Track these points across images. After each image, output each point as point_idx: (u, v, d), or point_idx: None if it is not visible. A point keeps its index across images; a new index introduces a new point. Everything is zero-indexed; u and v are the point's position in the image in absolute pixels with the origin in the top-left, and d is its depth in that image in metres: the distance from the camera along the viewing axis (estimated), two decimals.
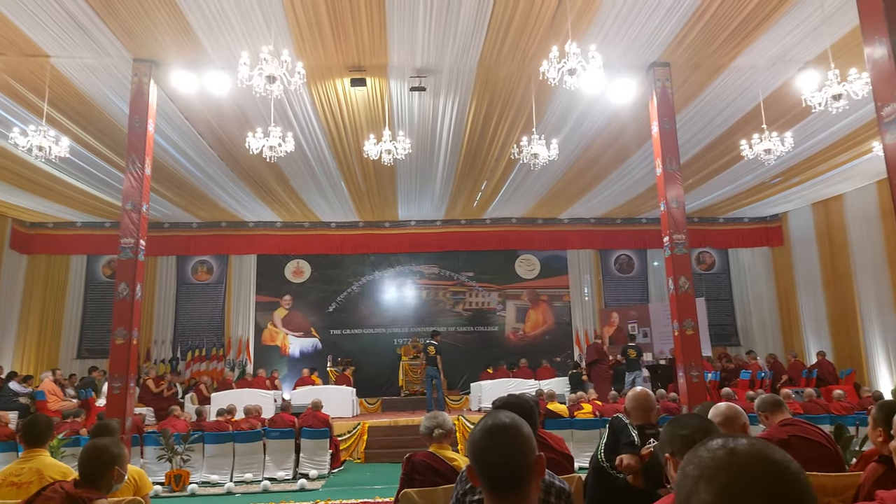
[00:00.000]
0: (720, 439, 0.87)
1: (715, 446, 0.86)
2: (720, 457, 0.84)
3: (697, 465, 0.84)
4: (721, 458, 0.83)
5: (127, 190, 7.56)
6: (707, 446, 0.87)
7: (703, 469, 0.83)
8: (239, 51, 6.52)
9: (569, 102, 8.91)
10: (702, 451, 0.87)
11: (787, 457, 0.84)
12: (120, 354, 7.14)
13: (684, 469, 0.87)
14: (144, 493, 3.11)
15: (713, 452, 0.85)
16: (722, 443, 0.86)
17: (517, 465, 1.44)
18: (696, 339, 7.58)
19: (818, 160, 11.36)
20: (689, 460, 0.87)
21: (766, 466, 0.81)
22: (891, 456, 2.32)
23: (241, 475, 8.37)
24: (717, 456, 0.84)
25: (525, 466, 1.45)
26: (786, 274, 15.36)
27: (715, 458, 0.84)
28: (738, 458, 0.82)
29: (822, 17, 6.85)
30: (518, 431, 1.48)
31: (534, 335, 15.77)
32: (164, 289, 14.98)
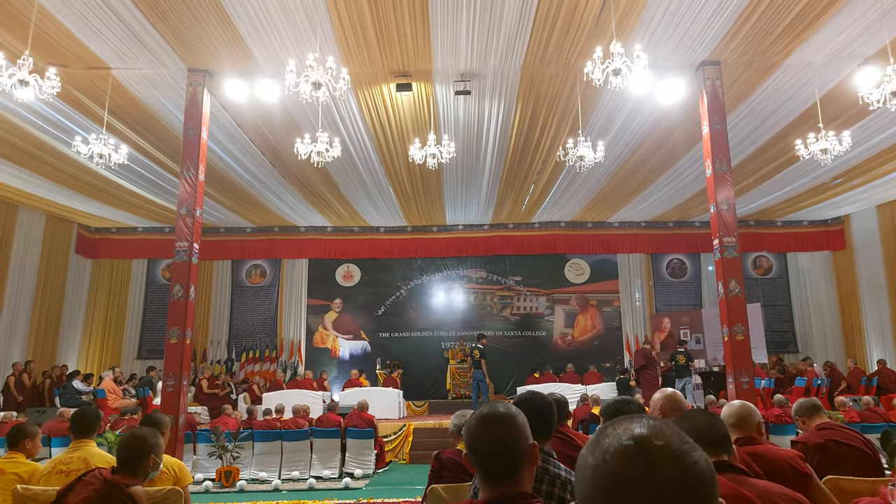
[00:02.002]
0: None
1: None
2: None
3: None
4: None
5: (182, 195, 7.89)
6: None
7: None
8: (287, 59, 6.72)
9: (615, 104, 8.80)
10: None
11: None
12: (174, 353, 7.44)
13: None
14: (184, 484, 3.24)
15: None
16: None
17: (510, 452, 1.48)
18: (746, 345, 7.33)
19: (882, 160, 10.83)
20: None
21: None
22: None
23: (289, 473, 8.58)
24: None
25: (518, 454, 1.48)
26: (848, 278, 14.66)
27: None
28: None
29: (881, 11, 6.55)
30: (512, 420, 1.52)
31: (582, 340, 15.56)
32: (219, 292, 15.52)
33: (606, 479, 0.79)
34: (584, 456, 0.84)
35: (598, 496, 0.79)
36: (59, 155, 10.10)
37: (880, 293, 13.73)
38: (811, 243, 15.31)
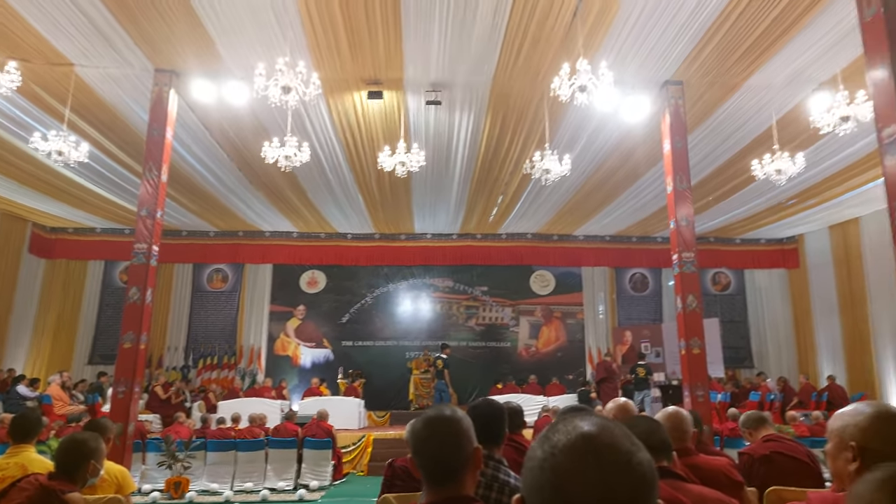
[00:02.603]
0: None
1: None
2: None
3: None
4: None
5: (143, 196, 7.72)
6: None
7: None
8: (257, 62, 6.66)
9: (582, 119, 8.94)
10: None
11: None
12: (127, 358, 7.23)
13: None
14: (127, 492, 3.13)
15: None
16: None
17: (453, 455, 1.49)
18: (702, 359, 7.49)
19: (834, 182, 11.24)
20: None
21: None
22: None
23: (242, 484, 8.40)
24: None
25: (461, 457, 1.49)
26: (802, 297, 15.14)
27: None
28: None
29: (836, 37, 6.83)
30: (457, 424, 1.53)
31: (546, 352, 15.68)
32: (179, 296, 15.18)
33: (554, 472, 0.81)
34: (534, 449, 0.86)
35: (544, 488, 0.81)
36: (15, 151, 9.78)
37: (832, 312, 14.20)
38: (767, 261, 15.77)
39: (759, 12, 6.55)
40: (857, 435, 1.56)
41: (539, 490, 0.82)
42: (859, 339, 13.36)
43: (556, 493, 0.80)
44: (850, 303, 13.65)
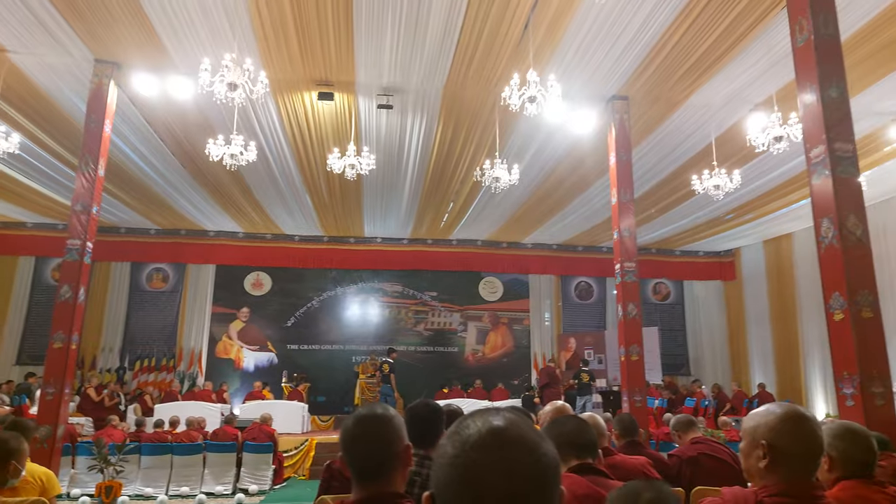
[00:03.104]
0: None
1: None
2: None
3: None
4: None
5: (78, 190, 7.42)
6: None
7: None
8: (202, 57, 6.51)
9: (531, 130, 9.10)
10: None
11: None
12: (57, 359, 6.93)
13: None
14: (51, 495, 3.02)
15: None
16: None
17: (382, 452, 1.51)
18: (640, 365, 7.72)
19: (769, 199, 11.79)
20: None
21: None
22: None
23: (178, 489, 8.15)
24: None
25: (389, 454, 1.51)
26: (737, 307, 15.81)
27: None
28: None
29: (769, 62, 7.18)
30: (388, 422, 1.55)
31: (492, 357, 15.83)
32: (115, 296, 14.60)
33: (466, 467, 0.82)
34: (444, 446, 0.88)
35: (453, 484, 0.83)
36: None
37: (763, 322, 14.89)
38: (706, 273, 16.39)
39: (700, 34, 6.85)
40: (768, 434, 1.65)
41: (450, 486, 0.83)
42: (789, 348, 14.04)
43: (468, 487, 0.81)
44: (782, 314, 14.33)
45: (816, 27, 5.06)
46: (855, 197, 4.91)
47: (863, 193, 5.04)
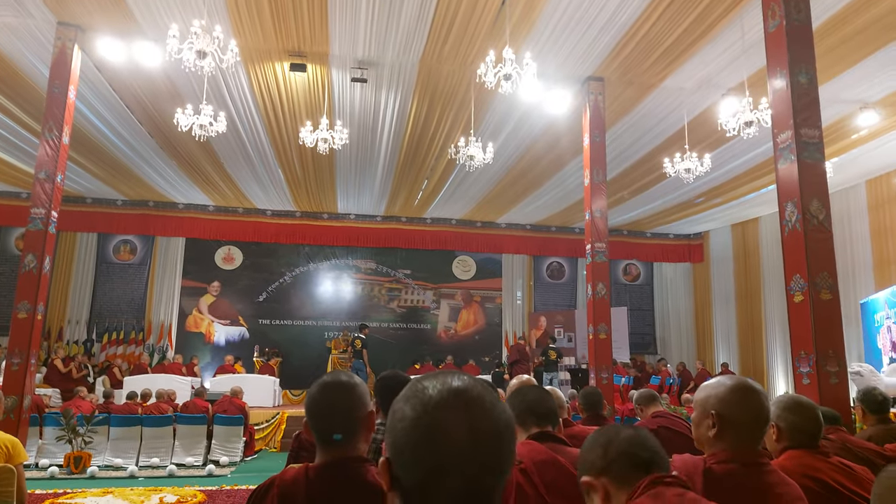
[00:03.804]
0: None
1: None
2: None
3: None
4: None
5: (41, 158, 7.23)
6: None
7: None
8: (170, 22, 6.35)
9: (507, 108, 9.09)
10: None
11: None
12: (22, 329, 6.81)
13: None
14: (17, 461, 3.01)
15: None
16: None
17: (345, 417, 1.54)
18: (608, 344, 7.88)
19: (738, 183, 12.00)
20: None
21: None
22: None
23: (148, 460, 8.14)
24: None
25: (352, 419, 1.55)
26: (703, 289, 16.18)
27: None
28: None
29: (742, 48, 7.26)
30: (351, 389, 1.59)
31: (464, 334, 15.97)
32: (81, 267, 14.33)
33: (429, 427, 0.82)
34: (400, 409, 0.86)
35: (417, 445, 0.82)
36: None
37: (729, 303, 15.29)
38: (675, 255, 16.69)
39: (675, 18, 6.89)
40: (717, 404, 1.73)
41: (412, 447, 0.83)
42: (752, 329, 14.48)
43: (431, 446, 0.81)
44: (746, 296, 14.73)
45: (788, 13, 5.13)
46: (819, 182, 5.04)
47: (827, 179, 5.17)
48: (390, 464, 0.86)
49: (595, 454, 1.42)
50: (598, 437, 1.45)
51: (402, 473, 0.84)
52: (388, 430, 0.88)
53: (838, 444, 3.04)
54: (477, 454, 0.82)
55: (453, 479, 0.81)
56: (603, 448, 1.41)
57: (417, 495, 0.83)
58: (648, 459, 1.39)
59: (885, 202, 11.43)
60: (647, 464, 1.38)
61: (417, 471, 0.82)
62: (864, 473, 2.15)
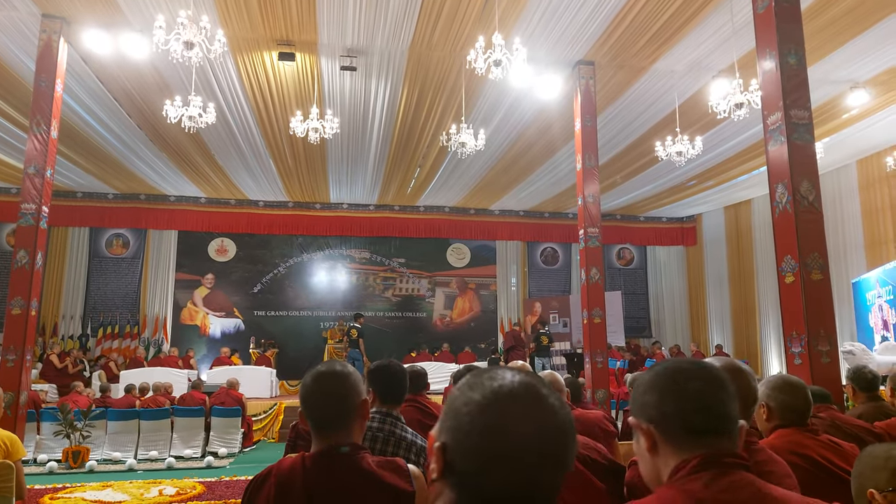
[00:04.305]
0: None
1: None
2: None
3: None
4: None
5: (30, 153, 7.17)
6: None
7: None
8: (157, 14, 6.28)
9: (498, 94, 9.06)
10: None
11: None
12: (16, 325, 6.79)
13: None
14: (16, 458, 3.03)
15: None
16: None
17: (339, 405, 1.56)
18: (602, 328, 7.93)
19: (730, 165, 12.03)
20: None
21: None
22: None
23: (146, 453, 8.18)
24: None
25: (346, 407, 1.57)
26: (697, 271, 16.28)
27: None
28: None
29: (732, 30, 7.25)
30: (344, 378, 1.60)
31: (460, 322, 16.02)
32: (74, 262, 14.27)
33: (498, 414, 0.81)
34: (465, 395, 0.84)
35: (485, 430, 0.80)
36: None
37: (722, 285, 15.39)
38: (668, 238, 16.75)
39: (665, 0, 6.86)
40: None
41: (478, 433, 0.80)
42: (746, 310, 14.58)
43: (496, 433, 0.80)
44: (740, 278, 14.81)
45: None
46: (809, 163, 5.07)
47: (817, 160, 5.20)
48: (445, 449, 0.83)
49: (649, 399, 1.15)
50: (659, 376, 1.16)
51: (461, 459, 0.81)
52: (447, 416, 0.85)
53: (828, 422, 3.09)
54: (542, 448, 0.81)
55: (516, 470, 0.79)
56: (659, 395, 1.14)
57: (474, 483, 0.80)
58: (710, 428, 1.11)
59: (875, 182, 11.49)
60: (706, 432, 1.11)
61: (480, 457, 0.80)
62: (852, 450, 2.18)
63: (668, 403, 1.12)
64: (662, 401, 1.13)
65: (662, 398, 1.13)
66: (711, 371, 1.15)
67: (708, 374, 1.14)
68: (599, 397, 7.52)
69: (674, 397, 1.12)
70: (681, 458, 1.10)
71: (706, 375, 1.14)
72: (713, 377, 1.14)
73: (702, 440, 1.10)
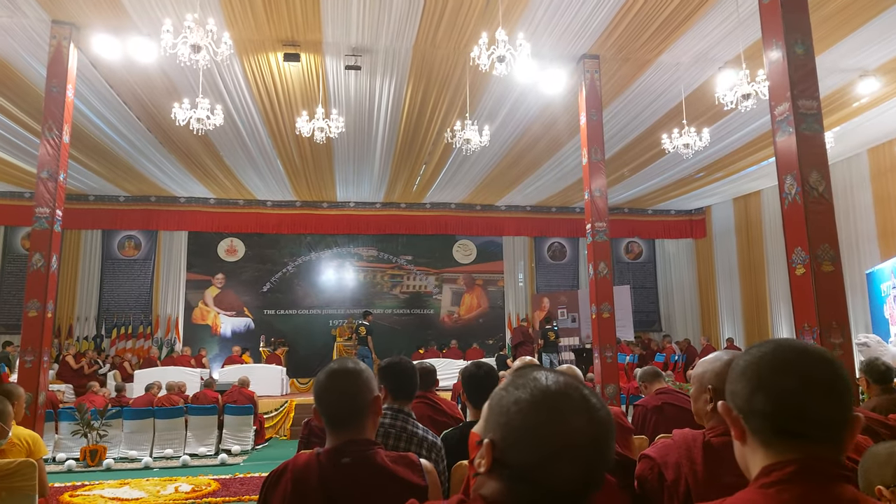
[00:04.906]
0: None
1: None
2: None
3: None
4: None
5: (43, 158, 7.26)
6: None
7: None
8: (164, 17, 6.34)
9: (503, 90, 9.06)
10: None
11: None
12: (33, 327, 6.89)
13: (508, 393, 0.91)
14: (38, 456, 3.09)
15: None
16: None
17: (352, 402, 1.59)
18: (611, 322, 7.92)
19: (738, 157, 11.96)
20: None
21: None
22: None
23: (162, 451, 8.28)
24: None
25: (359, 403, 1.60)
26: (706, 264, 16.20)
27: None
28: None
29: (738, 20, 7.21)
30: (357, 375, 1.64)
31: (468, 318, 16.05)
32: (87, 264, 14.43)
33: (552, 410, 0.85)
34: (512, 394, 0.89)
35: (539, 426, 0.85)
36: None
37: (732, 278, 15.30)
38: (677, 231, 16.68)
39: None
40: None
41: (532, 429, 0.84)
42: (757, 303, 14.48)
43: (553, 427, 0.84)
44: (750, 270, 14.73)
45: None
46: (818, 153, 5.05)
47: (826, 150, 5.17)
48: (495, 445, 0.87)
49: (739, 389, 1.01)
50: (751, 365, 1.00)
51: (516, 455, 0.85)
52: (494, 413, 0.90)
53: None
54: (596, 442, 0.85)
55: (573, 465, 0.83)
56: (749, 389, 0.99)
57: (530, 479, 0.84)
58: (807, 434, 0.95)
59: (887, 170, 11.38)
60: (801, 436, 0.95)
61: (536, 453, 0.84)
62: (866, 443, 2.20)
63: (759, 400, 0.97)
64: (753, 396, 0.98)
65: (753, 393, 0.98)
66: (817, 366, 0.96)
67: (811, 371, 0.96)
68: (609, 392, 7.53)
69: (765, 395, 0.96)
70: (771, 460, 0.96)
71: (809, 372, 0.96)
72: (818, 376, 0.95)
73: (797, 444, 0.95)
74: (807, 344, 1.00)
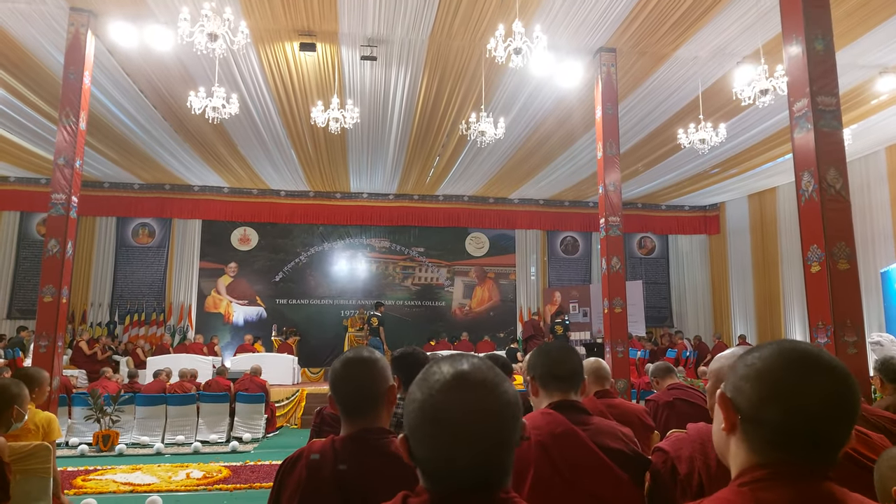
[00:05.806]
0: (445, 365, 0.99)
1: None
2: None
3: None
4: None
5: (60, 144, 7.32)
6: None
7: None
8: (182, 6, 6.36)
9: (518, 83, 9.02)
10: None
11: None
12: (48, 313, 6.98)
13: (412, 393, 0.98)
14: (52, 439, 3.14)
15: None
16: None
17: (367, 390, 1.61)
18: (623, 317, 7.90)
19: (754, 153, 11.85)
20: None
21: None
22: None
23: (173, 437, 8.37)
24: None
25: (375, 392, 1.62)
26: (720, 261, 16.08)
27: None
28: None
29: (757, 15, 7.13)
30: (372, 363, 1.65)
31: (479, 311, 16.06)
32: (102, 251, 14.57)
33: (434, 409, 0.93)
34: (413, 392, 0.98)
35: (423, 425, 0.94)
36: None
37: (746, 275, 15.18)
38: (690, 227, 16.57)
39: None
40: None
41: (420, 427, 0.94)
42: (770, 301, 14.36)
43: (435, 426, 0.92)
44: (764, 267, 14.61)
45: None
46: (836, 150, 4.99)
47: (844, 147, 5.11)
48: (407, 440, 0.97)
49: (746, 388, 0.95)
50: (762, 373, 0.95)
51: (416, 450, 0.95)
52: (404, 410, 0.99)
53: None
54: (479, 431, 0.92)
55: (460, 456, 0.91)
56: (757, 395, 0.94)
57: (431, 468, 0.95)
58: (805, 446, 0.92)
59: None
60: (798, 448, 0.92)
61: (427, 448, 0.93)
62: (880, 441, 2.18)
63: (771, 410, 0.92)
64: (765, 403, 0.92)
65: (765, 401, 0.93)
66: (839, 388, 0.92)
67: (833, 395, 0.91)
68: (620, 388, 7.52)
69: (780, 408, 0.91)
70: (756, 461, 0.94)
71: (830, 394, 0.91)
72: (839, 402, 0.92)
73: (787, 452, 0.92)
74: (830, 359, 0.95)
